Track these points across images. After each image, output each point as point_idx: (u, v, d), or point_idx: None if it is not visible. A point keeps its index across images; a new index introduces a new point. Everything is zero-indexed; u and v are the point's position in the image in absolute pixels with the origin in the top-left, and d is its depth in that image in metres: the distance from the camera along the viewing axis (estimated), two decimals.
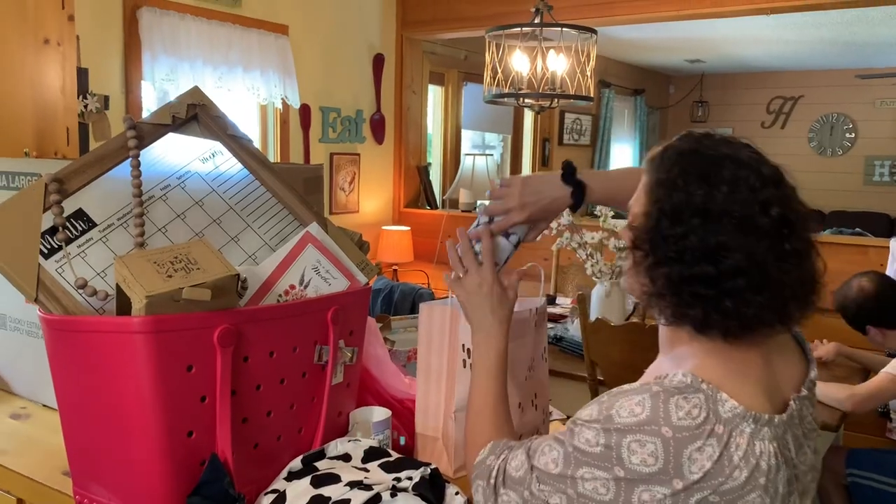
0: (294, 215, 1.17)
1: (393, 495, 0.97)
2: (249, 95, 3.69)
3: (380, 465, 1.05)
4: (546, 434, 1.30)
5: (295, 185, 1.18)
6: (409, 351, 1.43)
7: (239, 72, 3.61)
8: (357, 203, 4.51)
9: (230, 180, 1.15)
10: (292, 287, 1.08)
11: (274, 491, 0.99)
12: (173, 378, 0.89)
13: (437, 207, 4.96)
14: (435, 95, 5.29)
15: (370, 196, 4.62)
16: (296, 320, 1.03)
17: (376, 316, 1.47)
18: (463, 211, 4.73)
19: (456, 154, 5.43)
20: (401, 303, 2.58)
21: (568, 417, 2.67)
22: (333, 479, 0.98)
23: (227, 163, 1.15)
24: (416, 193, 4.93)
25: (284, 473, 1.02)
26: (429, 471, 1.03)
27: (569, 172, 1.12)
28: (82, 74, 2.88)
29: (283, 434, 1.03)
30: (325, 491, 0.96)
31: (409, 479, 1.01)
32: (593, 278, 2.66)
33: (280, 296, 1.06)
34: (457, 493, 1.02)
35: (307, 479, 0.99)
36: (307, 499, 0.95)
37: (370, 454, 1.07)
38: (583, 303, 2.24)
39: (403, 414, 1.22)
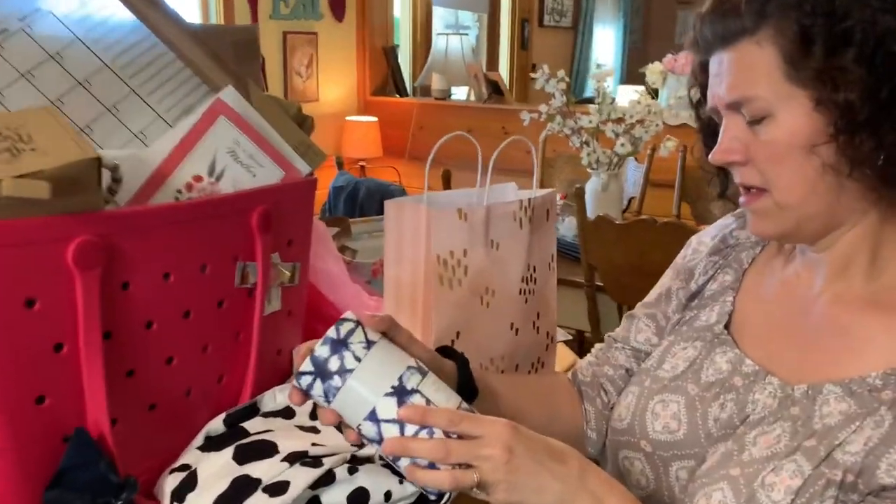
0: (203, 78, 0.85)
1: (352, 470, 0.70)
2: None
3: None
4: (548, 361, 1.06)
5: (221, 52, 0.86)
6: (374, 263, 1.15)
7: None
8: (316, 90, 4.11)
9: (105, 26, 0.81)
10: (198, 179, 0.77)
11: (182, 468, 0.72)
12: (4, 320, 0.59)
13: (407, 95, 4.58)
14: None
15: (331, 82, 4.22)
16: (204, 227, 0.73)
17: (331, 218, 1.18)
18: (436, 98, 4.35)
19: (427, 34, 4.98)
20: (367, 202, 2.28)
21: (580, 334, 2.44)
22: (266, 449, 0.71)
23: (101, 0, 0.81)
24: (384, 79, 4.52)
25: (199, 440, 0.75)
26: None
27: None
28: None
29: (195, 387, 0.75)
30: (254, 468, 0.69)
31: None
32: (588, 169, 2.38)
33: (179, 192, 0.76)
34: None
35: (229, 450, 0.72)
36: (227, 481, 0.68)
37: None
38: (580, 198, 1.97)
39: None
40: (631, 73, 6.18)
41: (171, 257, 0.70)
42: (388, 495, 0.71)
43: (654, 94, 2.76)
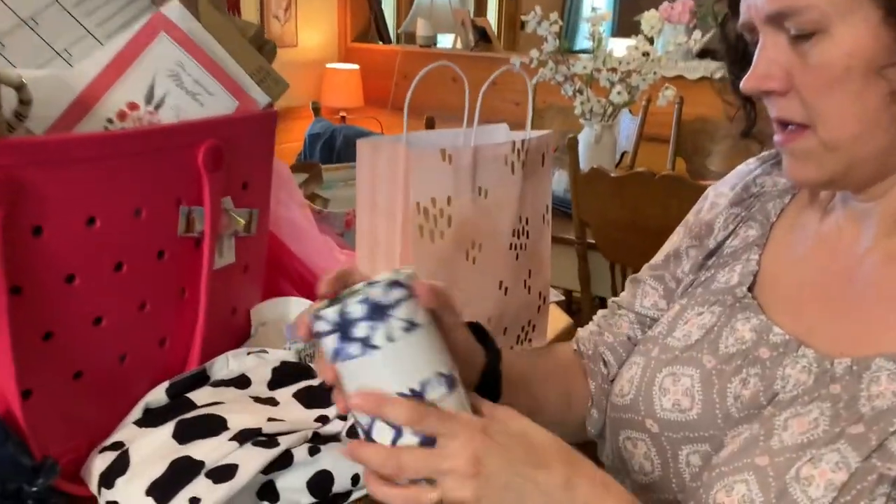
0: None
1: (314, 451, 0.61)
2: None
3: (296, 395, 0.68)
4: (540, 324, 0.96)
5: None
6: (347, 213, 1.04)
7: None
8: (295, 35, 3.93)
9: None
10: (132, 107, 0.65)
11: (114, 447, 0.61)
12: None
13: (390, 42, 4.40)
14: None
15: (310, 27, 4.03)
16: (139, 163, 0.62)
17: (301, 164, 1.06)
18: (421, 46, 4.18)
19: None
20: (345, 151, 2.15)
21: (568, 294, 2.35)
22: (213, 425, 0.61)
23: None
24: (366, 25, 4.33)
25: (136, 413, 0.65)
26: None
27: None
28: None
29: (131, 352, 0.65)
30: (197, 449, 0.59)
31: (344, 417, 0.65)
32: (581, 120, 2.26)
33: (110, 121, 0.64)
34: None
35: (168, 426, 0.62)
36: (164, 464, 0.58)
37: (282, 375, 0.70)
38: (573, 149, 1.85)
39: None
40: (623, 25, 6.01)
41: (97, 199, 0.59)
42: (356, 479, 0.61)
43: (650, 42, 2.63)
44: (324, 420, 0.64)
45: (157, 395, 0.66)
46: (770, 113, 0.59)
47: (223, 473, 0.56)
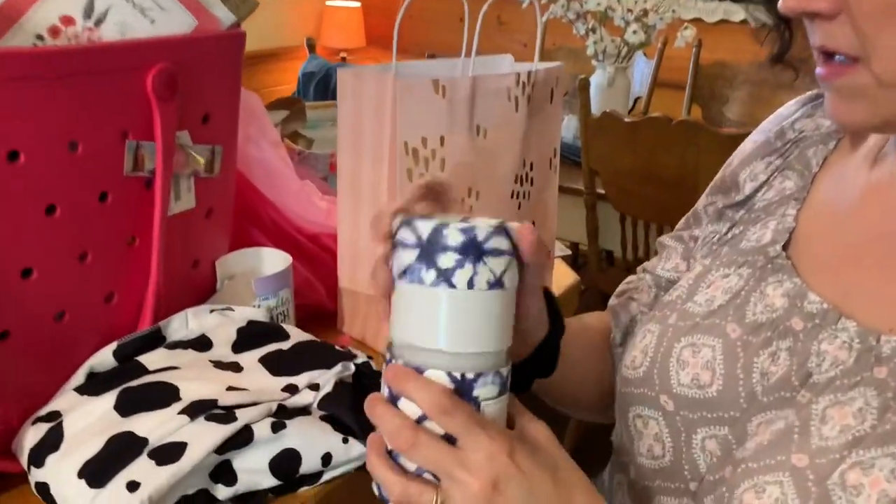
0: None
1: (278, 426, 0.53)
2: None
3: (263, 360, 0.60)
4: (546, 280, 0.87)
5: None
6: (332, 155, 0.94)
7: None
8: None
9: None
10: (68, 21, 0.56)
11: (49, 417, 0.54)
12: None
13: None
14: None
15: None
16: (74, 88, 0.52)
17: (281, 100, 0.97)
18: None
19: None
20: None
21: (574, 247, 2.26)
22: (163, 395, 0.53)
23: None
24: None
25: (79, 378, 0.57)
26: (353, 367, 0.60)
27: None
28: None
29: (70, 308, 0.57)
30: (141, 423, 0.51)
31: (316, 387, 0.57)
32: (594, 61, 2.13)
33: (40, 37, 0.55)
34: None
35: (110, 396, 0.54)
36: (101, 440, 0.50)
37: (249, 336, 0.63)
38: (584, 91, 1.74)
39: (318, 261, 0.76)
40: None
41: (21, 129, 0.50)
42: (326, 459, 0.54)
43: None
44: (292, 390, 0.57)
45: (104, 358, 0.58)
46: (811, 40, 0.49)
47: (169, 453, 0.49)
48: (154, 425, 0.50)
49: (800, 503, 0.44)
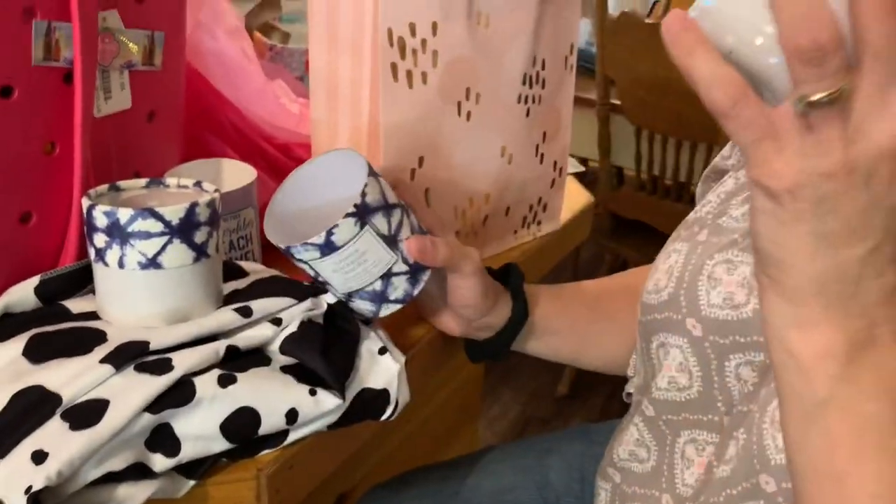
0: None
1: (227, 380, 0.44)
2: None
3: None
4: (553, 203, 0.77)
5: None
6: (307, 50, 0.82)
7: None
8: None
9: None
10: None
11: None
12: None
13: None
14: None
15: None
16: None
17: None
18: None
19: None
20: None
21: (583, 163, 2.15)
22: (85, 338, 0.44)
23: None
24: None
25: None
26: (326, 304, 0.51)
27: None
28: None
29: None
30: (54, 375, 0.42)
31: (278, 322, 0.48)
32: None
33: None
34: (384, 352, 0.50)
35: (20, 339, 0.45)
36: (5, 397, 0.41)
37: None
38: None
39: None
40: None
41: None
42: (291, 416, 0.45)
43: None
44: (245, 313, 0.47)
45: (23, 295, 0.49)
46: None
47: (86, 414, 0.40)
48: (69, 376, 0.41)
49: None
